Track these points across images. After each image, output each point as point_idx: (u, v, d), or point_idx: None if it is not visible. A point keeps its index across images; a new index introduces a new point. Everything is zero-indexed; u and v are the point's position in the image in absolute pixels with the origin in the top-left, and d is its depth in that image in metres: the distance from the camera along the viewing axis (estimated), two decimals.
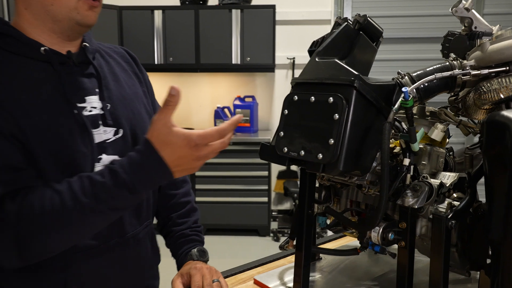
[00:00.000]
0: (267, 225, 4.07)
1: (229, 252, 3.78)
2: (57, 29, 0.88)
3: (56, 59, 0.87)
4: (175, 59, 4.10)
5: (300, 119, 0.81)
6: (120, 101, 0.97)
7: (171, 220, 1.13)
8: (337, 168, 0.74)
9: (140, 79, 1.10)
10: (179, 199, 1.15)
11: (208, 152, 0.79)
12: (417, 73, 0.81)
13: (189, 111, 4.58)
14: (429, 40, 4.23)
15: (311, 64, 0.85)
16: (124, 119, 0.95)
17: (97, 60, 0.99)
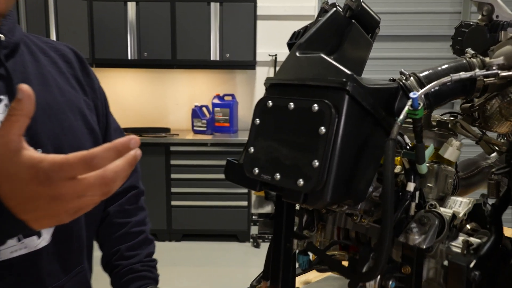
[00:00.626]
0: (246, 230, 3.89)
1: (206, 259, 3.58)
2: None
3: None
4: (149, 55, 3.87)
5: (276, 132, 0.62)
6: (43, 111, 0.76)
7: (118, 252, 0.92)
8: (323, 198, 0.56)
9: (83, 86, 0.90)
10: (131, 228, 0.95)
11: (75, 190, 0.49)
12: (425, 73, 0.63)
13: (165, 110, 4.35)
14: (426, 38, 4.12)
15: (291, 60, 0.67)
16: (45, 135, 0.75)
17: (20, 56, 0.78)
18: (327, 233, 0.87)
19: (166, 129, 4.09)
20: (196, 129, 4.07)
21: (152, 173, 3.79)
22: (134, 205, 0.99)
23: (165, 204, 3.83)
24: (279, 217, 0.68)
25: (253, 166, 0.63)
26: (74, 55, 0.91)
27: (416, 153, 0.60)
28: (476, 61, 0.62)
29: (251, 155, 0.64)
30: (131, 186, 1.00)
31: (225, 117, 4.03)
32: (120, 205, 0.96)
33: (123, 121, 4.32)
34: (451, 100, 0.64)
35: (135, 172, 1.01)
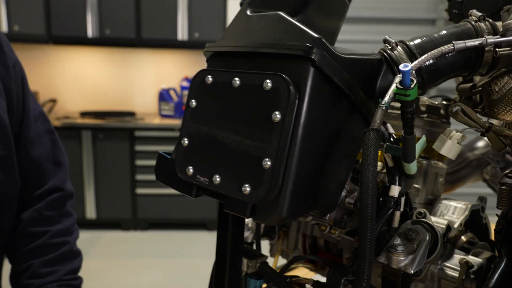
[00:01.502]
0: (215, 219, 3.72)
1: (174, 250, 3.41)
2: None
3: None
4: (112, 32, 3.60)
5: (216, 118, 0.45)
6: None
7: (30, 269, 0.74)
8: (277, 212, 0.40)
9: None
10: (50, 239, 0.77)
11: None
12: (417, 41, 0.47)
13: (130, 93, 4.09)
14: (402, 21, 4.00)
15: (240, 21, 0.50)
16: None
17: None
18: (291, 241, 0.71)
19: (130, 113, 3.86)
20: (164, 113, 3.86)
21: (115, 159, 3.56)
22: (57, 211, 0.81)
23: (129, 192, 3.63)
24: (223, 231, 0.52)
25: (186, 164, 0.47)
26: None
27: (404, 148, 0.44)
28: (485, 25, 0.47)
29: (185, 149, 0.48)
30: (53, 188, 0.81)
31: None
32: (36, 210, 0.78)
33: (84, 104, 4.05)
34: (450, 78, 0.48)
35: (60, 170, 0.82)
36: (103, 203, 3.62)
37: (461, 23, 0.48)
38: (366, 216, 0.35)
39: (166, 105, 3.83)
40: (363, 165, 0.37)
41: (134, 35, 3.61)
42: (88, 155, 3.51)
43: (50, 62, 3.96)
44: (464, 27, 0.47)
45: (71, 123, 3.47)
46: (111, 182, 3.60)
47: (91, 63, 4.04)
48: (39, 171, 0.78)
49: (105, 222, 3.65)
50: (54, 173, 0.80)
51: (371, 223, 0.35)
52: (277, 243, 0.71)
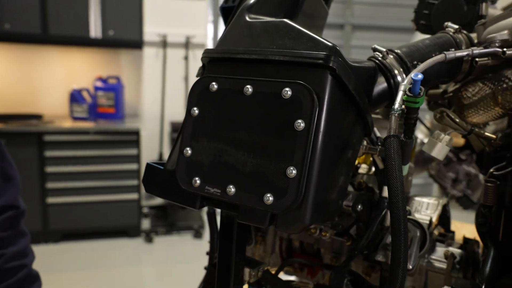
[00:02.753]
0: (137, 225, 3.58)
1: (92, 261, 3.20)
2: None
3: None
4: (13, 27, 3.25)
5: (225, 127, 0.44)
6: None
7: None
8: (301, 220, 0.40)
9: None
10: (5, 263, 0.69)
11: None
12: (404, 50, 0.51)
13: (36, 93, 3.74)
14: None
15: (239, 26, 0.48)
16: None
17: None
18: (268, 245, 0.72)
19: (37, 116, 3.52)
20: (76, 115, 3.59)
21: (21, 166, 3.22)
22: (11, 231, 0.72)
23: (39, 202, 3.31)
24: (227, 243, 0.50)
25: (192, 175, 0.45)
26: None
27: (402, 151, 0.47)
28: (462, 37, 0.51)
29: (189, 160, 0.45)
30: (5, 206, 0.72)
31: (110, 102, 3.62)
32: None
33: None
34: (435, 84, 0.52)
35: (10, 185, 0.73)
36: None
37: (441, 34, 0.52)
38: (400, 220, 0.37)
39: (79, 106, 3.57)
40: (390, 171, 0.38)
41: (39, 31, 3.30)
42: None
43: None
44: (445, 38, 0.51)
45: None
46: None
47: None
48: None
49: None
50: (4, 189, 0.71)
51: (404, 225, 0.37)
52: (254, 248, 0.71)
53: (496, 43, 0.46)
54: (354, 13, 4.23)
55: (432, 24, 0.61)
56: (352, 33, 4.23)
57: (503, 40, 0.45)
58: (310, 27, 0.57)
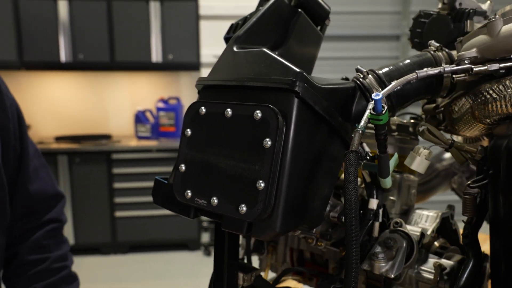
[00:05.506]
0: (197, 238, 3.73)
1: (155, 272, 3.38)
2: None
3: None
4: (86, 56, 3.60)
5: (211, 145, 0.50)
6: None
7: None
8: (272, 228, 0.45)
9: None
10: (51, 264, 0.80)
11: None
12: (385, 70, 0.54)
13: (106, 116, 4.08)
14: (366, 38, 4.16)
15: (227, 56, 0.55)
16: None
17: None
18: (279, 255, 0.76)
19: (106, 136, 3.84)
20: (140, 135, 3.86)
21: (92, 183, 3.53)
22: (54, 239, 0.84)
23: (108, 216, 3.59)
24: (219, 248, 0.56)
25: (185, 188, 0.51)
26: None
27: (380, 165, 0.50)
28: (442, 54, 0.53)
29: (182, 175, 0.52)
30: (52, 219, 0.84)
31: (171, 121, 3.85)
32: (35, 240, 0.81)
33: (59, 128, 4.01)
34: (415, 101, 0.55)
35: (58, 202, 0.85)
36: (81, 228, 3.56)
37: (422, 53, 0.55)
38: (351, 228, 0.41)
39: (143, 126, 3.83)
40: (346, 183, 0.42)
41: (108, 59, 3.62)
42: (64, 180, 3.46)
43: (23, 88, 3.92)
44: (425, 56, 0.54)
45: (46, 149, 3.43)
46: (89, 206, 3.55)
47: (65, 87, 4.01)
48: (37, 205, 0.81)
49: (83, 247, 3.59)
50: (52, 206, 0.83)
51: (356, 233, 0.40)
52: (266, 257, 0.76)
53: (465, 60, 0.47)
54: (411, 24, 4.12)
55: (424, 42, 0.63)
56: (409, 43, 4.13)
57: (472, 57, 0.47)
58: (301, 53, 0.62)
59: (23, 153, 0.78)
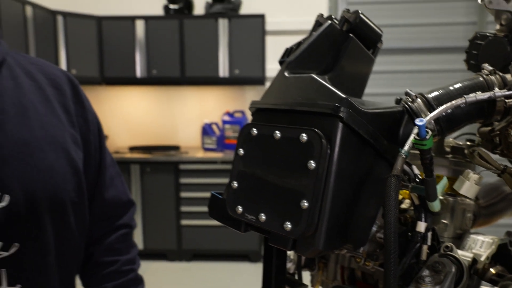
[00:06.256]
0: (258, 250, 3.77)
1: (217, 281, 3.47)
2: None
3: None
4: (159, 72, 3.84)
5: (261, 165, 0.53)
6: (17, 149, 0.69)
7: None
8: (315, 246, 0.47)
9: (72, 117, 0.80)
10: (121, 266, 0.88)
11: None
12: (435, 94, 0.54)
13: (175, 128, 4.30)
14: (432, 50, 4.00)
15: (279, 81, 0.58)
16: (16, 178, 0.67)
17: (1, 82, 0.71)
18: (330, 272, 0.77)
19: (175, 147, 4.04)
20: (206, 146, 4.01)
21: (161, 192, 3.72)
22: (125, 243, 0.92)
23: (175, 224, 3.76)
24: (268, 262, 0.59)
25: (236, 204, 0.55)
26: (67, 80, 0.83)
27: (426, 189, 0.51)
28: (495, 78, 0.53)
29: (235, 191, 0.56)
30: (123, 225, 0.93)
31: (236, 134, 3.96)
32: (109, 243, 0.90)
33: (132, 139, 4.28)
34: (467, 125, 0.54)
35: (129, 209, 0.94)
36: (149, 234, 3.76)
37: (474, 76, 0.54)
38: (390, 250, 0.42)
39: (209, 139, 3.99)
40: (386, 206, 0.43)
41: (178, 74, 3.83)
42: (136, 187, 3.69)
43: (103, 101, 4.25)
44: (477, 80, 0.53)
45: (121, 158, 3.69)
46: (157, 213, 3.75)
47: (139, 101, 4.30)
48: (112, 211, 0.89)
49: (151, 252, 3.78)
50: (125, 212, 0.91)
51: (394, 256, 0.42)
52: (317, 274, 0.77)
53: None
54: None
55: (480, 64, 0.62)
56: None
57: None
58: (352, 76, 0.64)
59: (101, 162, 0.87)
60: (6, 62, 0.72)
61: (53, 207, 0.72)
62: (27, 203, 0.68)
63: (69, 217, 0.76)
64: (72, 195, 0.76)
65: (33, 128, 0.72)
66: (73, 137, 0.78)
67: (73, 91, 0.82)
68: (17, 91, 0.72)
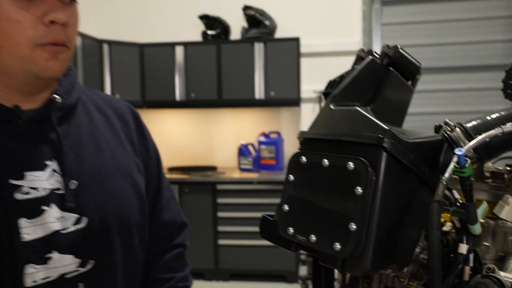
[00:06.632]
0: (295, 271, 3.77)
1: None
2: (11, 84, 0.71)
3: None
4: (197, 95, 3.98)
5: (310, 190, 0.58)
6: (94, 178, 0.77)
7: None
8: (363, 265, 0.51)
9: (136, 147, 0.90)
10: (176, 283, 0.95)
11: None
12: (473, 123, 0.58)
13: (212, 148, 4.41)
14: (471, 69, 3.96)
15: (325, 113, 0.64)
16: (92, 203, 0.76)
17: (75, 118, 0.80)
18: None
19: (212, 168, 4.14)
20: (243, 167, 4.08)
21: (199, 211, 3.81)
22: (179, 262, 1.00)
23: (212, 243, 3.82)
24: (317, 280, 0.63)
25: (287, 225, 0.60)
26: (131, 114, 0.92)
27: (467, 213, 0.54)
28: None
29: (286, 214, 0.61)
30: (178, 244, 1.00)
31: (271, 154, 4.02)
32: (165, 262, 0.97)
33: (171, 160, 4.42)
34: (505, 152, 0.58)
35: (185, 229, 1.01)
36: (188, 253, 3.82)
37: (510, 107, 0.58)
38: (433, 270, 0.46)
39: (245, 159, 4.06)
40: (429, 229, 0.48)
41: (216, 97, 3.96)
42: None
43: None
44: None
45: None
46: (195, 233, 3.82)
47: (178, 123, 4.46)
48: (168, 231, 0.97)
49: None
50: (179, 232, 0.99)
51: (438, 275, 0.45)
52: None
53: None
54: None
55: None
56: None
57: None
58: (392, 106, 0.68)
59: (159, 187, 0.95)
60: (80, 99, 0.82)
61: (122, 227, 0.80)
62: (101, 225, 0.76)
63: (134, 237, 0.84)
64: (137, 217, 0.84)
65: (105, 158, 0.80)
66: (137, 165, 0.87)
67: (136, 123, 0.91)
68: (91, 125, 0.81)
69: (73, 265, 0.72)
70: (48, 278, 0.70)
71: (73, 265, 0.72)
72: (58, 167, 0.73)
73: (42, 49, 0.68)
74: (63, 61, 0.72)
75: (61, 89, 0.77)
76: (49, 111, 0.73)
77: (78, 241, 0.73)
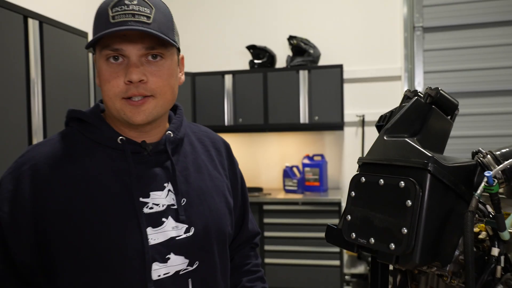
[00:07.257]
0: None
1: None
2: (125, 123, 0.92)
3: (128, 149, 0.89)
4: (244, 120, 4.21)
5: (369, 203, 0.75)
6: (197, 196, 0.97)
7: (241, 283, 1.13)
8: (413, 260, 0.67)
9: (226, 171, 1.10)
10: (252, 267, 1.17)
11: None
12: (502, 151, 0.73)
13: (258, 171, 4.61)
14: None
15: (379, 142, 0.81)
16: (197, 216, 0.95)
17: (184, 148, 1.00)
18: None
19: (259, 189, 4.32)
20: (288, 188, 4.24)
21: None
22: (254, 253, 1.22)
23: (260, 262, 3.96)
24: (374, 276, 0.79)
25: (350, 231, 0.77)
26: (223, 145, 1.14)
27: (497, 222, 0.69)
28: None
29: (349, 222, 0.78)
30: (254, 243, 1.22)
31: (315, 176, 4.15)
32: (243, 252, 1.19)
33: None
34: None
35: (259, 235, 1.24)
36: None
37: None
38: (469, 264, 0.61)
39: (290, 181, 4.22)
40: (464, 233, 0.63)
41: (262, 122, 4.17)
42: None
43: None
44: None
45: None
46: None
47: None
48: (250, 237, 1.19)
49: None
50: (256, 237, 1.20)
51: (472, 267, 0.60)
52: None
53: None
54: None
55: None
56: None
57: None
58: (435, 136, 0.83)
59: (244, 203, 1.15)
60: (186, 132, 1.03)
61: (219, 237, 0.99)
62: (204, 233, 0.96)
63: (226, 245, 1.03)
64: (229, 229, 1.03)
65: (205, 180, 1.00)
66: (227, 187, 1.07)
67: (227, 152, 1.12)
68: (194, 153, 1.01)
69: (184, 264, 0.91)
70: (167, 274, 0.89)
71: (184, 264, 0.91)
72: (172, 188, 0.93)
73: (126, 102, 0.86)
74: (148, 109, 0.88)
75: (173, 125, 0.99)
76: (165, 144, 0.94)
77: (187, 246, 0.92)
